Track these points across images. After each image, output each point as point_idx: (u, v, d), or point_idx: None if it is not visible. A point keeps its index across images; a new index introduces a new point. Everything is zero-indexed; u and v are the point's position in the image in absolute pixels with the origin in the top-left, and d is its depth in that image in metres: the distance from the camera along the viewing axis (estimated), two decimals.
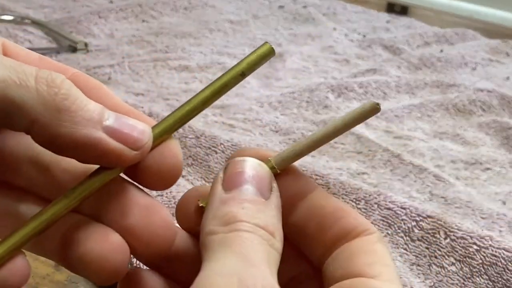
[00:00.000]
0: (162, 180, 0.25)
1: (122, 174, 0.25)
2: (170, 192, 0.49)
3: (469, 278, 0.42)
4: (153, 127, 0.26)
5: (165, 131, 0.26)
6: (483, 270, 0.42)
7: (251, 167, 0.23)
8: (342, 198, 0.47)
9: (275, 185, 0.24)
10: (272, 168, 0.24)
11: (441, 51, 0.87)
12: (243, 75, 0.25)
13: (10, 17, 0.81)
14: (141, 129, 0.25)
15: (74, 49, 0.75)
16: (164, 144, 0.26)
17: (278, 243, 0.22)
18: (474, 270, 0.42)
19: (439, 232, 0.44)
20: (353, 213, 0.24)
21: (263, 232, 0.21)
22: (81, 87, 0.25)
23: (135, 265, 0.37)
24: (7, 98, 0.22)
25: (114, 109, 0.25)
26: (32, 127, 0.23)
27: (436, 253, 0.43)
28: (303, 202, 0.24)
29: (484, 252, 0.42)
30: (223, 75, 0.25)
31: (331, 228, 0.24)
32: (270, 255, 0.21)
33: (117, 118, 0.24)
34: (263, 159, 0.24)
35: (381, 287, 0.21)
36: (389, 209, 0.46)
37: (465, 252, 0.43)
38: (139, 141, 0.24)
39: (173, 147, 0.26)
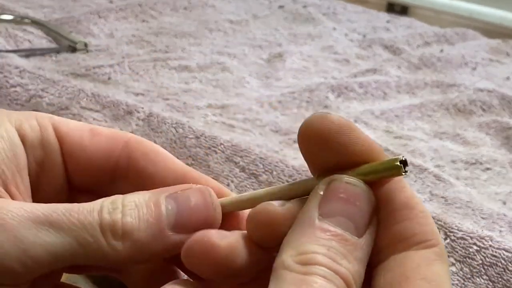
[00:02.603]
0: None
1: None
2: None
3: (469, 278, 0.42)
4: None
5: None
6: (483, 271, 0.42)
7: (358, 196, 0.22)
8: None
9: (375, 219, 0.22)
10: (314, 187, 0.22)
11: (441, 51, 0.87)
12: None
13: (9, 17, 0.81)
14: (204, 210, 0.25)
15: (73, 49, 0.75)
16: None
17: None
18: (474, 270, 0.42)
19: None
20: (421, 216, 0.22)
21: (340, 282, 0.20)
22: (136, 155, 0.27)
23: None
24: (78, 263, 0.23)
25: (172, 174, 0.26)
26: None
27: None
28: (377, 187, 0.22)
29: (484, 253, 0.42)
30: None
31: (391, 228, 0.22)
32: None
33: (178, 211, 0.24)
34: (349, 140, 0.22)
35: None
36: None
37: (465, 253, 0.43)
38: (208, 221, 0.25)
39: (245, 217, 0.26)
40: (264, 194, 0.25)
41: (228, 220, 0.26)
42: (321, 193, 0.22)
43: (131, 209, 0.23)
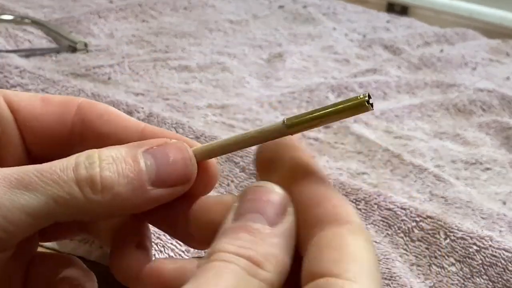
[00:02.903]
0: (204, 189, 0.27)
1: None
2: None
3: (469, 278, 0.42)
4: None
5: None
6: (483, 271, 0.42)
7: (263, 192, 0.23)
8: None
9: (290, 209, 0.23)
10: (283, 127, 0.23)
11: (441, 51, 0.87)
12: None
13: (9, 17, 0.81)
14: (182, 166, 0.25)
15: (74, 49, 0.75)
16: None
17: (269, 273, 0.21)
18: (474, 270, 0.42)
19: (439, 232, 0.44)
20: (335, 200, 0.22)
21: (244, 262, 0.20)
22: (90, 117, 0.27)
23: None
24: (61, 218, 0.23)
25: (128, 132, 0.26)
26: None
27: (436, 254, 0.43)
28: (293, 186, 0.23)
29: (484, 253, 0.42)
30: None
31: (305, 216, 0.22)
32: (245, 284, 0.20)
33: (157, 167, 0.25)
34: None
35: (343, 286, 0.20)
36: (389, 209, 0.46)
37: (465, 253, 0.43)
38: (186, 177, 0.25)
39: (213, 164, 0.27)
40: (233, 141, 0.25)
41: (198, 169, 0.26)
42: (236, 204, 0.23)
43: (109, 164, 0.23)
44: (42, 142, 0.27)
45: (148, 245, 0.28)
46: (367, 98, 0.22)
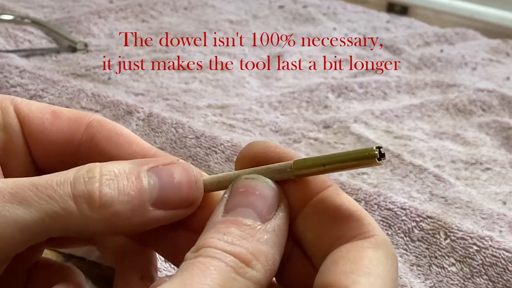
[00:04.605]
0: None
1: None
2: None
3: (469, 278, 0.42)
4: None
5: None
6: (483, 271, 0.42)
7: (255, 186, 0.22)
8: None
9: (283, 205, 0.22)
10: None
11: (441, 51, 0.87)
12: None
13: (9, 17, 0.81)
14: (187, 189, 0.24)
15: (74, 49, 0.75)
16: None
17: (257, 272, 0.20)
18: (474, 270, 0.42)
19: (439, 232, 0.44)
20: (356, 213, 0.22)
21: (231, 259, 0.20)
22: (98, 137, 0.26)
23: None
24: (56, 232, 0.23)
25: (137, 157, 0.25)
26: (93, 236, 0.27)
27: (436, 254, 0.43)
28: (312, 201, 0.23)
29: (484, 253, 0.42)
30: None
31: (328, 230, 0.22)
32: (231, 283, 0.19)
33: (160, 187, 0.23)
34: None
35: None
36: (389, 209, 0.46)
37: (465, 253, 0.43)
38: (190, 200, 0.24)
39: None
40: (246, 174, 0.24)
41: (203, 199, 0.25)
42: (226, 196, 0.22)
43: (109, 179, 0.22)
44: (49, 156, 0.27)
45: (154, 274, 0.27)
46: (376, 152, 0.21)
